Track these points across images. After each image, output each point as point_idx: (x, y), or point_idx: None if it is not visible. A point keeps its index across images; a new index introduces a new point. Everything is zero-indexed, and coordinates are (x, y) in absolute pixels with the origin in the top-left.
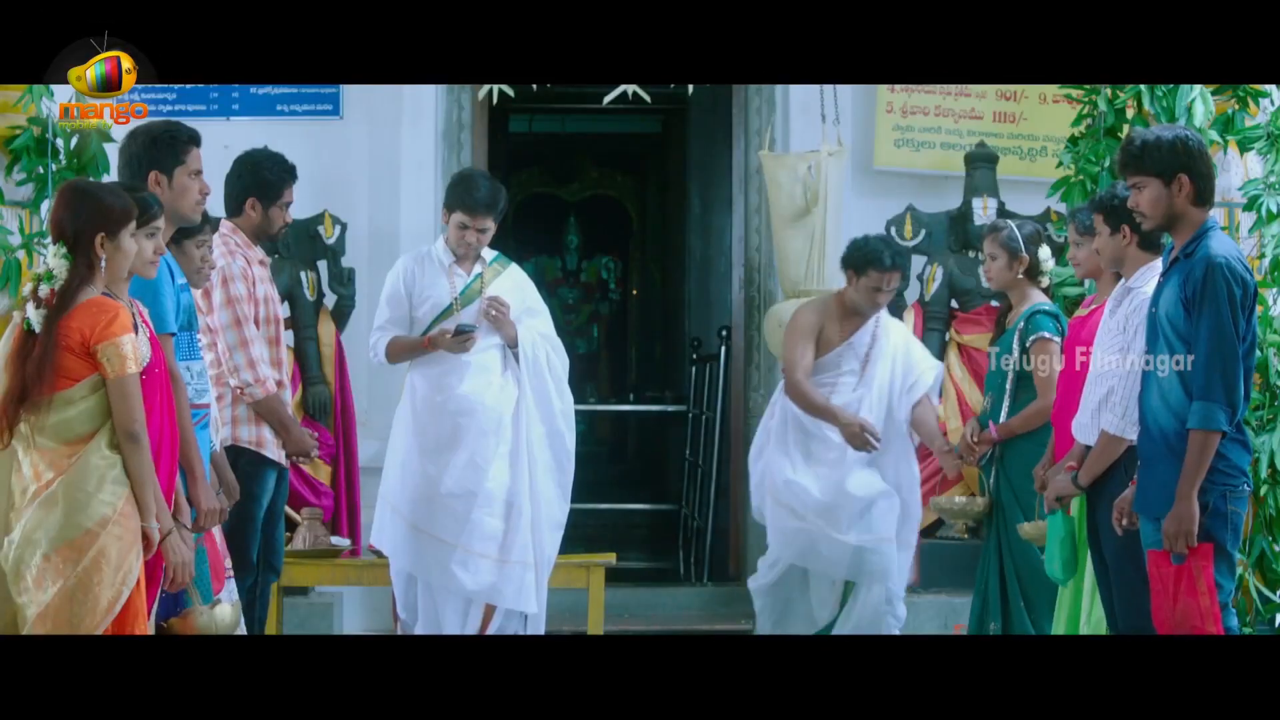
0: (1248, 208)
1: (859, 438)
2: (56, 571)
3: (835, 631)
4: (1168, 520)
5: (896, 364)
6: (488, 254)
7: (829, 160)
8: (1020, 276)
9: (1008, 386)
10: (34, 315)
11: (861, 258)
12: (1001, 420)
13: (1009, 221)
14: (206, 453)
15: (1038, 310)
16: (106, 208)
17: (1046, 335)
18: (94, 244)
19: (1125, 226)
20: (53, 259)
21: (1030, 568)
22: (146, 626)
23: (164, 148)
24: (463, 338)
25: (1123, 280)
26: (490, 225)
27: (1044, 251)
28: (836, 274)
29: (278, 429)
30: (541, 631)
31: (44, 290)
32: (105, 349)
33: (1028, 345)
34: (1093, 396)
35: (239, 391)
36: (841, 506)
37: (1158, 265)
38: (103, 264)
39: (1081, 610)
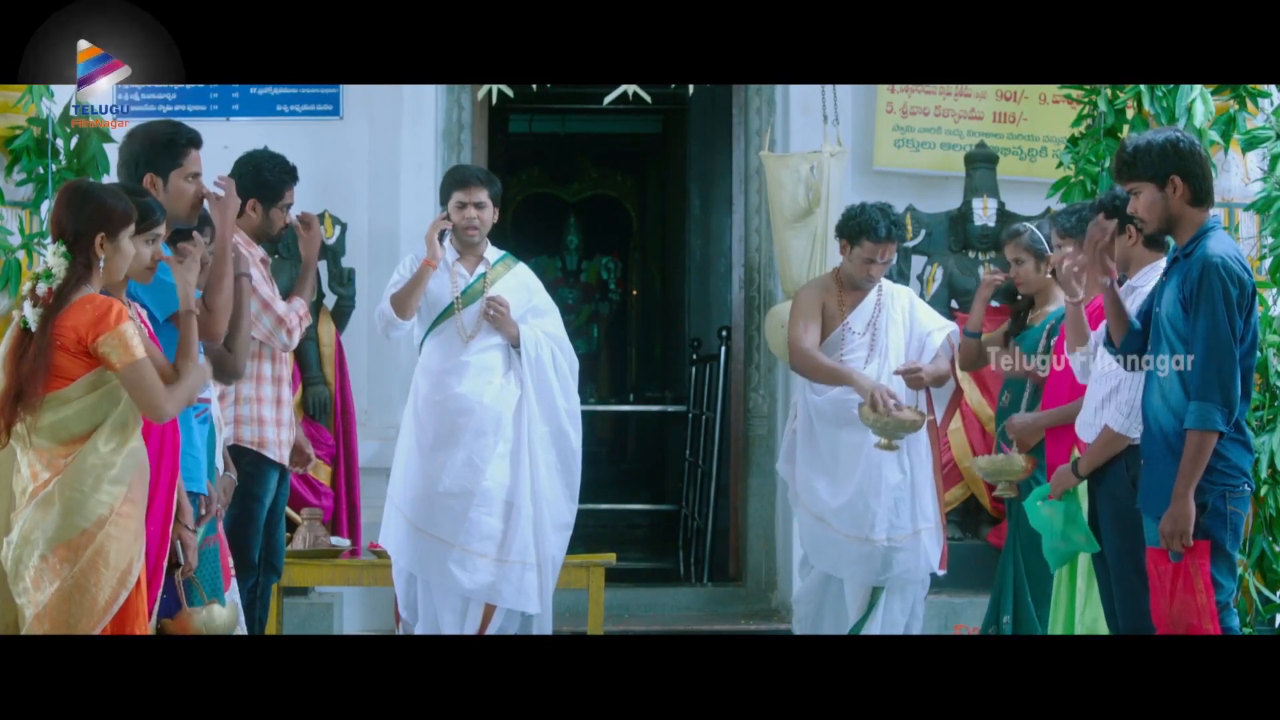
0: (1257, 208)
1: (880, 397)
2: (54, 572)
3: (863, 632)
4: (1164, 519)
5: (906, 330)
6: (493, 254)
7: (831, 161)
8: (1047, 276)
9: (1029, 384)
10: (30, 314)
11: (856, 227)
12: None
13: (1027, 225)
14: (208, 448)
15: None
16: (108, 208)
17: None
18: (93, 244)
19: (1130, 226)
20: (52, 258)
21: (1039, 566)
22: (147, 627)
23: (161, 150)
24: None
25: (1127, 279)
26: (485, 199)
27: None
28: None
29: (306, 276)
30: (549, 632)
31: (42, 289)
32: (108, 340)
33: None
34: (1096, 394)
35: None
36: (867, 507)
37: (1163, 264)
38: (100, 264)
39: (1076, 610)
